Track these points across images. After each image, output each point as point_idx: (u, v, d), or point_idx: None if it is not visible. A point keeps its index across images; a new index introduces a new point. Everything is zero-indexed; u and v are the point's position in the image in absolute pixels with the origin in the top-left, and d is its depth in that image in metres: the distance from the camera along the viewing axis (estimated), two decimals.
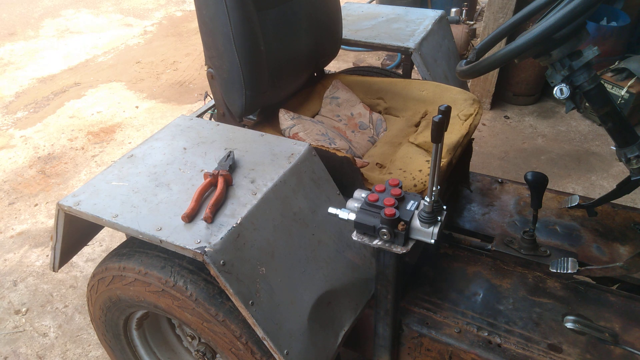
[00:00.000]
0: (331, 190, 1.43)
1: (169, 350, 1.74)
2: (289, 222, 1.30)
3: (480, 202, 1.87)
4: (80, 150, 3.44)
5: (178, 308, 1.32)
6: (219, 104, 1.77)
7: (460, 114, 1.75)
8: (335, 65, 4.26)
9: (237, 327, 1.27)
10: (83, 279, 2.45)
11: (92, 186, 1.33)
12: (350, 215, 1.17)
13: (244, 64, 1.57)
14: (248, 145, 1.44)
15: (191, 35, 5.12)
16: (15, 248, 2.66)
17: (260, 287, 1.19)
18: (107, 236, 2.65)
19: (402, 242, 1.13)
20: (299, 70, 1.90)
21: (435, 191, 1.08)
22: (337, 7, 1.95)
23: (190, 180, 1.33)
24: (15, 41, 5.19)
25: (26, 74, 4.52)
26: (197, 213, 1.21)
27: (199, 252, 1.11)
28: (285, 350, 1.20)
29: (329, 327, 1.34)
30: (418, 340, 1.43)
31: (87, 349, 2.13)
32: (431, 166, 1.06)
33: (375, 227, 1.14)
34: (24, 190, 3.09)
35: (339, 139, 1.74)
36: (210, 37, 1.60)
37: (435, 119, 0.93)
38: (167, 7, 5.95)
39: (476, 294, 1.50)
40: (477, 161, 3.08)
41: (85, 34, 5.31)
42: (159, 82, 4.30)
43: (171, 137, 1.51)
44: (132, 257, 1.37)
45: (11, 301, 2.36)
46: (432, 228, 1.11)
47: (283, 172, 1.33)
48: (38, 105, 4.02)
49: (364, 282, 1.43)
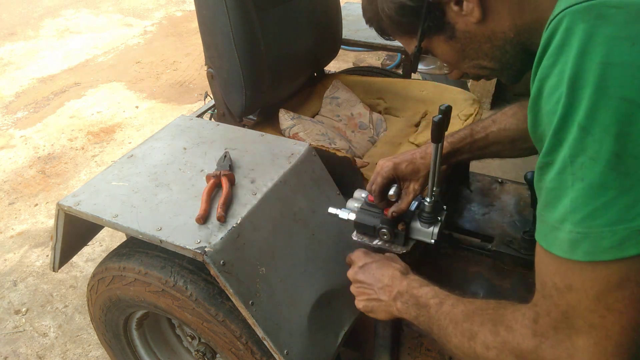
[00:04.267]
0: (331, 190, 1.43)
1: (169, 350, 1.74)
2: (289, 222, 1.30)
3: (480, 202, 1.87)
4: (80, 150, 3.44)
5: (178, 308, 1.32)
6: (219, 104, 1.77)
7: (460, 114, 1.75)
8: (335, 65, 4.25)
9: (237, 327, 1.27)
10: (83, 279, 2.45)
11: (92, 186, 1.33)
12: (350, 215, 1.17)
13: (244, 64, 1.57)
14: (248, 145, 1.44)
15: (191, 35, 5.12)
16: (15, 248, 2.66)
17: (260, 287, 1.19)
18: (107, 236, 2.65)
19: (402, 242, 1.13)
20: (299, 70, 1.90)
21: (435, 191, 1.08)
22: (337, 7, 1.95)
23: (190, 180, 1.33)
24: (15, 41, 5.19)
25: (26, 74, 4.52)
26: (209, 214, 1.21)
27: (199, 252, 1.11)
28: (285, 350, 1.20)
29: (329, 327, 1.34)
30: (418, 340, 1.42)
31: (87, 349, 2.13)
32: (431, 166, 1.06)
33: (375, 227, 1.14)
34: (24, 190, 3.09)
35: (339, 139, 1.74)
36: (210, 37, 1.60)
37: (435, 119, 0.93)
38: (167, 7, 5.95)
39: (476, 294, 1.50)
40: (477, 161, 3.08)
41: (85, 34, 5.31)
42: (159, 82, 4.30)
43: (171, 137, 1.51)
44: (132, 257, 1.37)
45: (11, 301, 2.36)
46: (432, 228, 1.11)
47: (283, 172, 1.33)
48: (38, 105, 4.02)
49: None
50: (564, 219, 0.60)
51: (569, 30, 0.57)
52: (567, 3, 0.59)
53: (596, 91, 0.55)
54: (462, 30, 0.77)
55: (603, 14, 0.54)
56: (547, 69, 0.60)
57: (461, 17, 0.75)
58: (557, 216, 0.61)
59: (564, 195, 0.59)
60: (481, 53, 0.81)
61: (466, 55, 0.82)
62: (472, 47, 0.80)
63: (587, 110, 0.55)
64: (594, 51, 0.55)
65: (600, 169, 0.56)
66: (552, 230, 0.62)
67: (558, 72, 0.58)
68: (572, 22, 0.57)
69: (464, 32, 0.78)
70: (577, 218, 0.58)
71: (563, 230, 0.60)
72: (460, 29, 0.77)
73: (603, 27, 0.54)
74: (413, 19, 0.78)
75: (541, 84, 0.61)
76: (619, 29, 0.53)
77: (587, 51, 0.55)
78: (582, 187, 0.57)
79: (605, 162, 0.55)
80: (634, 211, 0.55)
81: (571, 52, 0.56)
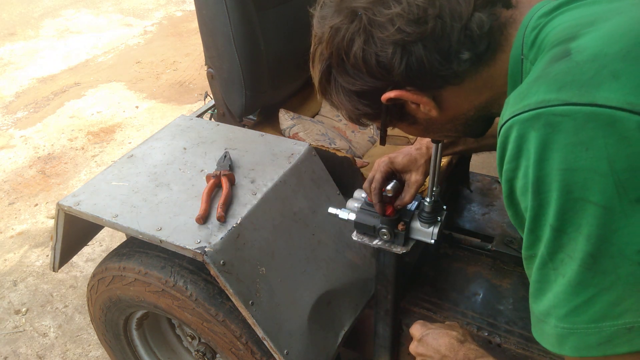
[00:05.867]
0: (331, 190, 1.43)
1: (169, 350, 1.74)
2: (289, 222, 1.30)
3: (480, 202, 1.87)
4: (80, 150, 3.44)
5: (178, 308, 1.32)
6: (219, 104, 1.77)
7: None
8: None
9: (237, 327, 1.27)
10: (83, 279, 2.45)
11: (92, 186, 1.33)
12: (350, 215, 1.17)
13: (244, 64, 1.57)
14: (248, 145, 1.44)
15: (191, 35, 5.12)
16: (15, 248, 2.66)
17: (260, 287, 1.19)
18: (107, 236, 2.65)
19: (402, 242, 1.13)
20: (299, 70, 1.89)
21: (435, 191, 1.08)
22: None
23: (190, 180, 1.33)
24: (15, 41, 5.19)
25: (26, 74, 4.52)
26: (209, 214, 1.21)
27: (199, 252, 1.11)
28: (285, 350, 1.20)
29: (329, 327, 1.33)
30: None
31: (87, 349, 2.13)
32: (431, 166, 1.06)
33: (375, 227, 1.13)
34: (24, 190, 3.09)
35: (339, 139, 1.74)
36: (210, 37, 1.60)
37: None
38: (167, 7, 5.95)
39: (476, 294, 1.50)
40: (477, 161, 3.08)
41: (85, 34, 5.31)
42: (159, 82, 4.30)
43: (171, 137, 1.51)
44: (132, 257, 1.37)
45: (11, 301, 2.36)
46: (432, 228, 1.11)
47: (283, 172, 1.33)
48: (38, 105, 4.02)
49: (364, 282, 1.43)
50: (548, 312, 0.61)
51: (522, 137, 0.58)
52: (513, 109, 0.60)
53: (561, 195, 0.55)
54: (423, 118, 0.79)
55: (552, 122, 0.55)
56: (511, 172, 0.61)
57: (419, 111, 0.77)
58: (543, 309, 0.62)
59: (548, 289, 0.60)
60: (444, 130, 0.83)
61: (430, 131, 0.85)
62: (435, 128, 0.83)
63: (556, 213, 0.56)
64: (552, 157, 0.55)
65: (576, 267, 0.56)
66: (538, 322, 0.63)
67: (522, 175, 0.59)
68: (523, 130, 0.58)
69: (425, 120, 0.80)
70: (561, 313, 0.59)
71: (549, 324, 0.61)
72: (421, 117, 0.79)
73: (555, 135, 0.55)
74: (373, 116, 0.80)
75: (510, 184, 0.63)
76: (570, 136, 0.54)
77: (544, 157, 0.56)
78: (563, 283, 0.58)
79: (581, 262, 0.56)
80: (618, 309, 0.55)
81: (530, 158, 0.57)
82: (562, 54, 0.59)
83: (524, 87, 0.61)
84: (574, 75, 0.55)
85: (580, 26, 0.61)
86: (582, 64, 0.56)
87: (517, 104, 0.60)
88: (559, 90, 0.55)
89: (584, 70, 0.55)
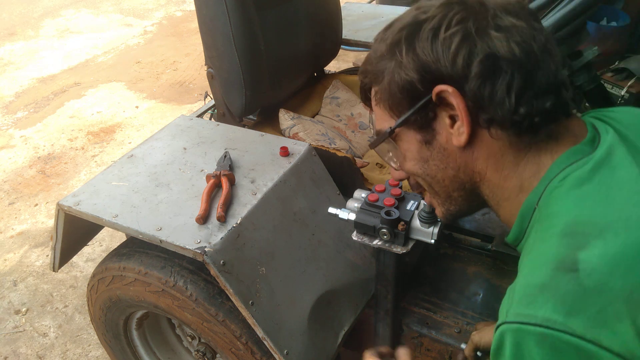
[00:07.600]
0: (331, 190, 1.43)
1: (169, 350, 1.74)
2: (289, 222, 1.30)
3: None
4: (80, 150, 3.44)
5: (178, 308, 1.32)
6: (219, 104, 1.77)
7: None
8: (335, 65, 4.25)
9: (237, 327, 1.27)
10: (83, 279, 2.45)
11: (92, 186, 1.33)
12: (350, 215, 1.17)
13: (244, 64, 1.57)
14: (248, 145, 1.44)
15: (191, 35, 5.12)
16: (15, 248, 2.66)
17: (260, 287, 1.19)
18: (107, 236, 2.65)
19: (402, 242, 1.13)
20: (299, 70, 1.90)
21: None
22: (337, 7, 1.95)
23: (190, 180, 1.33)
24: (15, 41, 5.19)
25: (26, 74, 4.52)
26: (209, 214, 1.21)
27: (199, 252, 1.11)
28: (285, 350, 1.20)
29: (329, 327, 1.33)
30: (418, 340, 1.42)
31: (87, 349, 2.13)
32: None
33: (375, 227, 1.13)
34: (24, 190, 3.09)
35: (339, 139, 1.74)
36: (210, 37, 1.60)
37: None
38: (167, 7, 5.95)
39: (476, 294, 1.50)
40: None
41: (85, 34, 5.31)
42: (159, 82, 4.30)
43: (171, 137, 1.51)
44: (132, 257, 1.37)
45: (11, 301, 2.36)
46: (432, 228, 1.11)
47: (283, 172, 1.33)
48: (38, 105, 4.02)
49: (364, 282, 1.43)
50: None
51: (525, 350, 0.59)
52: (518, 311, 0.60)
53: None
54: (440, 143, 0.75)
55: (557, 347, 0.57)
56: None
57: (447, 132, 0.73)
58: None
59: None
60: (440, 175, 0.78)
61: (426, 167, 0.79)
62: (437, 165, 0.77)
63: None
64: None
65: None
66: None
67: None
68: (527, 344, 0.59)
69: (440, 146, 0.75)
70: None
71: None
72: (440, 141, 0.74)
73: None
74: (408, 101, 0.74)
75: None
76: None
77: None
78: None
79: None
80: None
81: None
82: (570, 264, 0.60)
83: (531, 290, 0.61)
84: (581, 303, 0.57)
85: (590, 233, 0.61)
86: (589, 292, 0.58)
87: (522, 308, 0.60)
88: (567, 315, 0.57)
89: (591, 302, 0.57)
